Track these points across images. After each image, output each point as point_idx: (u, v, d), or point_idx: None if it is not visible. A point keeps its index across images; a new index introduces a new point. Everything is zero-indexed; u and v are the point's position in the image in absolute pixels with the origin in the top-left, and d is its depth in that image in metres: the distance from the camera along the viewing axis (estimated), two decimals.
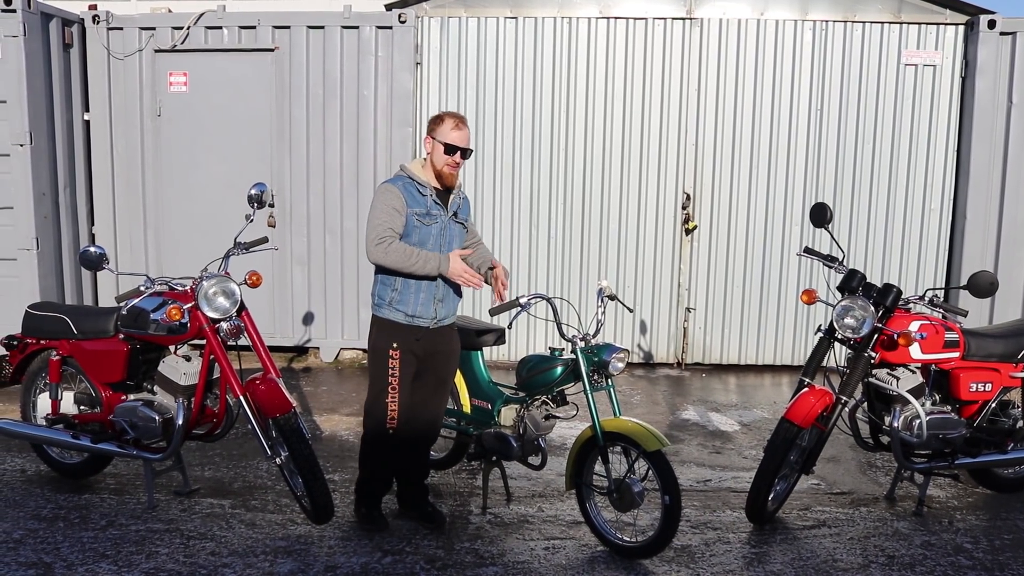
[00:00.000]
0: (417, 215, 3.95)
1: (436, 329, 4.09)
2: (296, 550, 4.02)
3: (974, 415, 4.49)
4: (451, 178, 4.02)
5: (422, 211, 3.97)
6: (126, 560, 3.91)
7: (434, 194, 4.01)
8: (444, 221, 4.04)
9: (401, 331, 4.02)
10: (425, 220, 3.97)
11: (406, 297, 4.01)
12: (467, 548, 4.07)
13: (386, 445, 4.12)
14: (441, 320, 4.10)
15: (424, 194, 3.99)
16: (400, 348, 4.01)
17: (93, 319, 4.62)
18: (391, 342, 4.02)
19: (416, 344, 4.05)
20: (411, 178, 4.01)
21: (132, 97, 7.16)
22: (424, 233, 3.98)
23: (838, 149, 7.18)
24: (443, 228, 4.04)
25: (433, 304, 4.04)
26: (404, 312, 4.01)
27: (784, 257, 7.31)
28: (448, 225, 4.06)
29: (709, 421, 6.12)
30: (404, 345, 4.02)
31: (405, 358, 4.03)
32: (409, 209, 3.94)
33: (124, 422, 4.41)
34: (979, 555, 4.10)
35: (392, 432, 4.07)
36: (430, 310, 4.04)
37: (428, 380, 4.17)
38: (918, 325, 4.31)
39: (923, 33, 7.05)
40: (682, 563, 3.97)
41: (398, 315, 4.02)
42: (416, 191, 3.98)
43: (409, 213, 3.94)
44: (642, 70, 7.16)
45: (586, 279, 7.38)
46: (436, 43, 7.15)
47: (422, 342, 4.06)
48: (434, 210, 4.00)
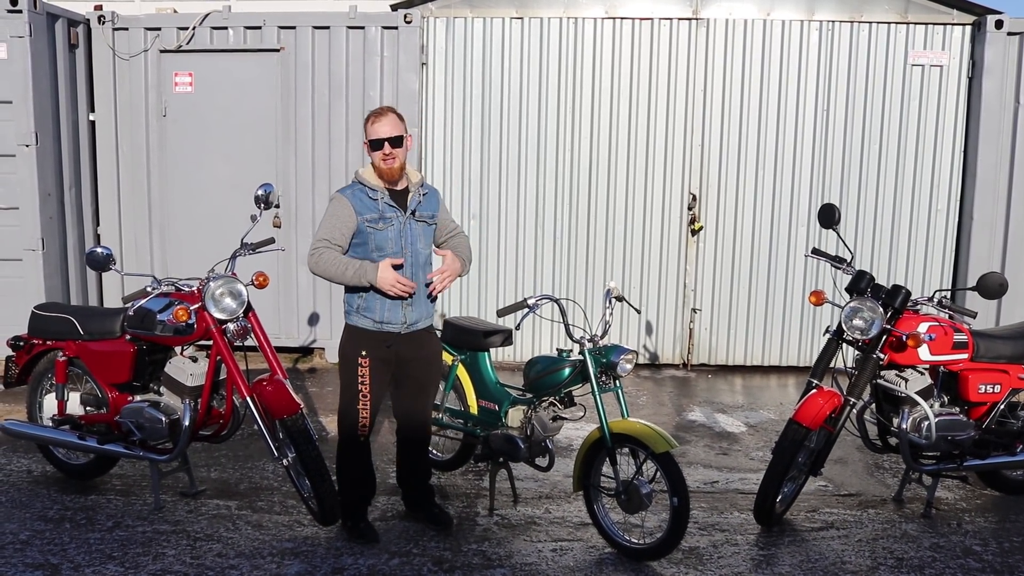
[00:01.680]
0: (368, 221, 3.89)
1: (409, 335, 4.02)
2: (303, 551, 4.01)
3: (983, 417, 4.48)
4: (391, 173, 3.91)
5: (374, 216, 3.90)
6: (133, 561, 3.91)
7: (387, 196, 3.93)
8: (402, 222, 3.95)
9: (370, 338, 3.97)
10: (378, 225, 3.90)
11: (372, 304, 3.95)
12: (475, 550, 4.06)
13: (360, 452, 4.09)
14: (413, 325, 4.02)
15: (374, 198, 3.92)
16: (369, 356, 3.96)
17: (99, 320, 4.61)
18: (360, 349, 3.97)
19: (387, 351, 3.99)
20: (361, 184, 3.95)
21: (137, 97, 7.15)
22: (380, 237, 3.91)
23: (844, 149, 7.16)
24: (401, 230, 3.95)
25: (402, 309, 3.97)
26: (372, 319, 3.96)
27: (790, 258, 7.29)
28: (408, 225, 3.97)
29: (715, 422, 6.10)
30: (373, 352, 3.97)
31: (375, 365, 3.98)
32: (359, 216, 3.87)
33: (131, 423, 4.41)
34: (988, 557, 4.08)
35: (363, 438, 4.05)
36: (398, 315, 3.97)
37: (409, 388, 4.15)
38: (927, 327, 4.29)
39: (930, 33, 7.02)
40: (690, 565, 3.95)
41: (366, 321, 3.97)
42: (366, 196, 3.92)
43: (360, 220, 3.88)
44: (648, 70, 7.14)
45: (591, 280, 7.36)
46: (442, 44, 7.14)
47: (394, 348, 4.00)
48: (388, 213, 3.92)
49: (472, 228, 7.25)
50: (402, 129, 3.93)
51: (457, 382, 4.62)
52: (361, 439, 4.05)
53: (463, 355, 4.61)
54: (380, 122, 3.89)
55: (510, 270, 7.38)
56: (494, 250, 7.34)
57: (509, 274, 7.38)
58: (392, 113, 3.94)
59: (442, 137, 7.24)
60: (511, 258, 7.35)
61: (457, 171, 7.27)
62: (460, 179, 7.27)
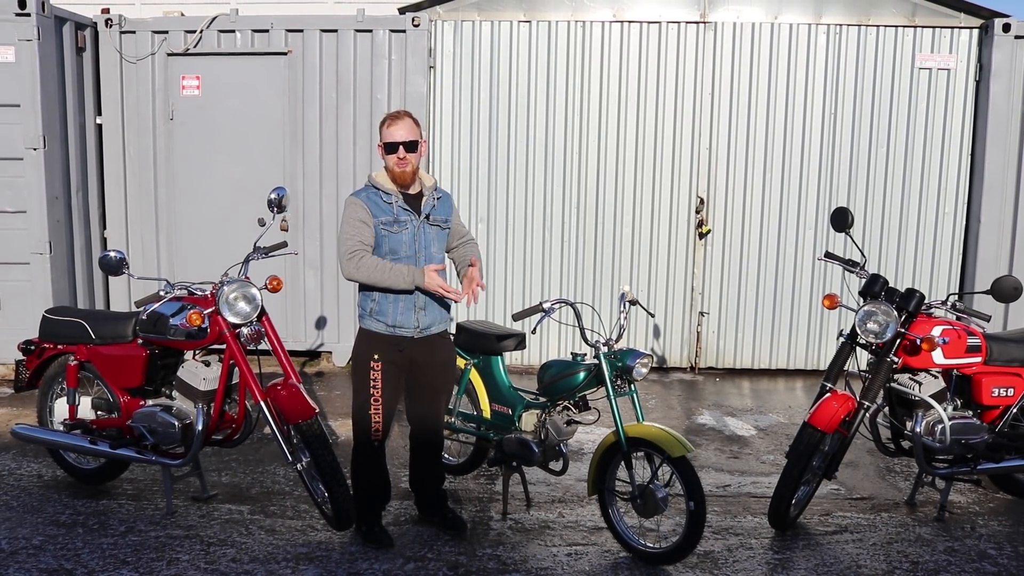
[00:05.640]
0: (383, 224, 3.88)
1: (422, 339, 4.01)
2: (318, 556, 4.00)
3: (996, 420, 4.47)
4: (405, 176, 3.91)
5: (388, 219, 3.89)
6: (147, 567, 3.89)
7: (400, 200, 3.92)
8: (416, 226, 3.95)
9: (383, 341, 3.96)
10: (392, 228, 3.89)
11: (384, 307, 3.94)
12: (489, 554, 4.05)
13: (375, 456, 4.08)
14: (426, 329, 4.02)
15: (389, 202, 3.91)
16: (381, 359, 3.95)
17: (111, 324, 4.60)
18: (372, 353, 3.96)
19: (399, 355, 3.98)
20: (375, 187, 3.94)
21: (145, 101, 7.14)
22: (395, 241, 3.90)
23: (852, 153, 7.16)
24: (416, 233, 3.95)
25: (414, 313, 3.97)
26: (384, 322, 3.95)
27: (798, 261, 7.29)
28: (422, 229, 3.96)
29: (725, 426, 6.09)
30: (385, 356, 3.96)
31: (387, 369, 3.97)
32: (375, 219, 3.87)
33: (143, 427, 4.39)
34: (1004, 561, 4.07)
35: (377, 443, 4.04)
36: (411, 319, 3.97)
37: (423, 393, 4.14)
38: (940, 330, 4.29)
39: (937, 37, 7.03)
40: (706, 569, 3.94)
41: (379, 325, 3.96)
42: (380, 200, 3.91)
43: (375, 223, 3.87)
44: (656, 74, 7.15)
45: (600, 284, 7.36)
46: (449, 47, 7.14)
47: (406, 352, 3.99)
48: (403, 216, 3.91)
49: (480, 231, 7.24)
50: (417, 134, 3.92)
51: (470, 386, 4.61)
52: (376, 444, 4.04)
53: (476, 359, 4.60)
54: (396, 126, 3.88)
55: (518, 273, 7.37)
56: (502, 253, 7.33)
57: (517, 277, 7.38)
58: (408, 117, 3.93)
59: (450, 140, 7.24)
60: (519, 261, 7.35)
61: (465, 174, 7.26)
62: (468, 182, 7.27)
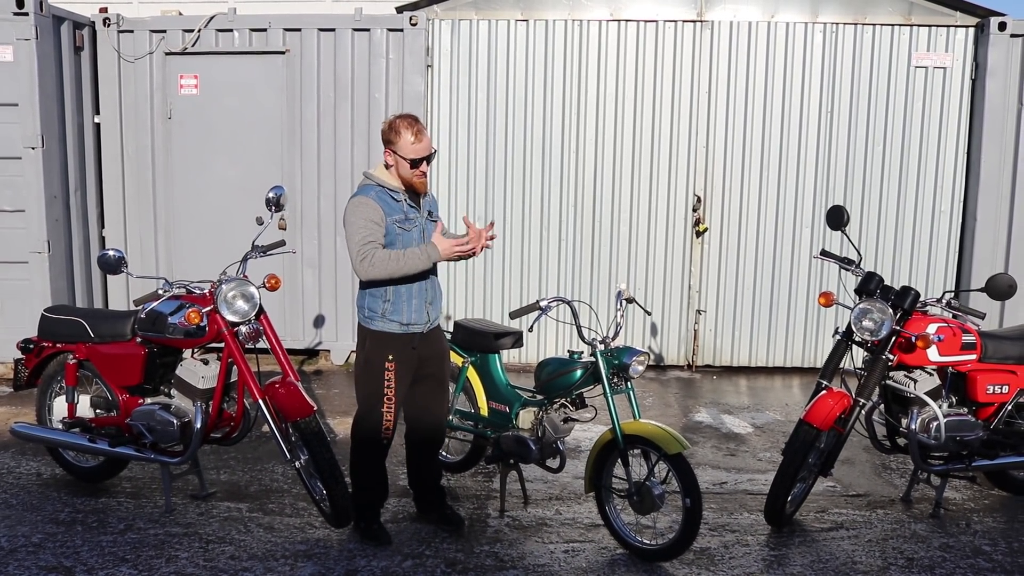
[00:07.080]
0: (397, 222, 3.88)
1: (428, 333, 4.07)
2: (316, 553, 4.02)
3: (991, 417, 4.49)
4: (423, 186, 3.94)
5: (401, 217, 3.89)
6: (146, 564, 3.91)
7: (407, 198, 3.95)
8: (422, 223, 3.99)
9: (397, 341, 3.97)
10: (405, 226, 3.90)
11: (399, 306, 3.95)
12: (487, 551, 4.07)
13: (380, 454, 4.10)
14: (432, 323, 4.09)
15: (398, 199, 3.91)
16: (396, 359, 3.97)
17: (110, 323, 4.61)
18: (387, 354, 3.96)
19: (411, 353, 4.01)
20: (382, 186, 3.92)
21: (143, 100, 7.15)
22: (406, 239, 3.91)
23: (848, 151, 7.18)
24: (422, 230, 3.98)
25: (425, 308, 4.01)
26: (399, 322, 3.96)
27: (794, 259, 7.31)
28: (426, 226, 4.00)
29: (722, 423, 6.12)
30: (399, 355, 3.97)
31: (400, 368, 3.98)
32: (388, 218, 3.86)
33: (141, 426, 4.41)
34: (998, 557, 4.10)
35: (386, 441, 4.06)
36: (423, 315, 4.01)
37: (429, 384, 4.16)
38: (935, 328, 4.31)
39: (933, 35, 7.05)
40: (702, 566, 3.97)
41: (393, 326, 3.96)
42: (390, 198, 3.90)
43: (389, 222, 3.86)
44: (652, 73, 7.16)
45: (596, 282, 7.37)
46: (447, 46, 7.15)
47: (417, 349, 4.03)
48: (411, 214, 3.94)
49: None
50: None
51: (467, 384, 4.62)
52: (384, 441, 4.06)
53: (473, 357, 4.62)
54: (422, 141, 3.84)
55: (515, 272, 7.39)
56: (499, 252, 7.34)
57: (514, 276, 7.39)
58: (423, 126, 3.93)
59: (447, 139, 7.25)
60: (516, 260, 7.36)
61: (462, 173, 7.28)
62: (465, 181, 7.28)
